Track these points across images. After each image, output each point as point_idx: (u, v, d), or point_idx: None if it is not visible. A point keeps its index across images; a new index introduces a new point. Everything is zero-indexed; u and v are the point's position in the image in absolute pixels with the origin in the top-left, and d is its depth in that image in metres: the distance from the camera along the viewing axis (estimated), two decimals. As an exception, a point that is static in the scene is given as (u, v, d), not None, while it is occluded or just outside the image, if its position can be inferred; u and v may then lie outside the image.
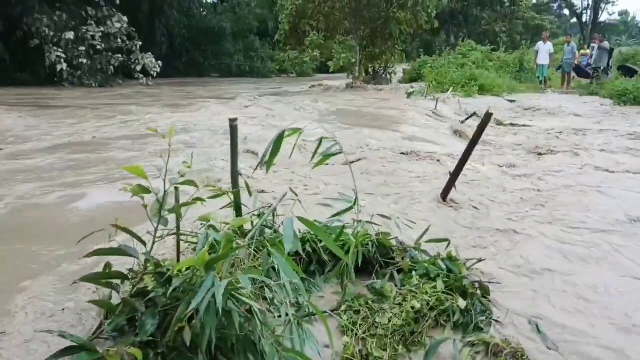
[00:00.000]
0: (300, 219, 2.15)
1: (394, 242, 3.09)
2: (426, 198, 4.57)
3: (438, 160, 6.30)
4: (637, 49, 26.78)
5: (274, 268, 2.36)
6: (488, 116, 4.20)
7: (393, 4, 17.41)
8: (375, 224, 3.02)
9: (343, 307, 2.48)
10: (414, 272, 2.76)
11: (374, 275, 2.83)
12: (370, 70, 20.42)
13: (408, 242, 3.17)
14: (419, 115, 10.22)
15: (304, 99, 13.92)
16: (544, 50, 19.17)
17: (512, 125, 10.61)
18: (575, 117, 11.82)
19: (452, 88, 14.41)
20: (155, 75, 22.21)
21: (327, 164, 2.60)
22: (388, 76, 20.24)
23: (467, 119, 9.33)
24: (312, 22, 17.16)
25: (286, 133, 2.37)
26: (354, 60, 16.69)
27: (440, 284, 2.61)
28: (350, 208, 2.59)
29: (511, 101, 14.84)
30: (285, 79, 28.50)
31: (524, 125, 10.45)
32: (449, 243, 3.02)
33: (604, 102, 14.97)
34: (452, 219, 4.12)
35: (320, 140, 2.47)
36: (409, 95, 11.92)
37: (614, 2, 45.78)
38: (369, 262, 2.91)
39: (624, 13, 55.93)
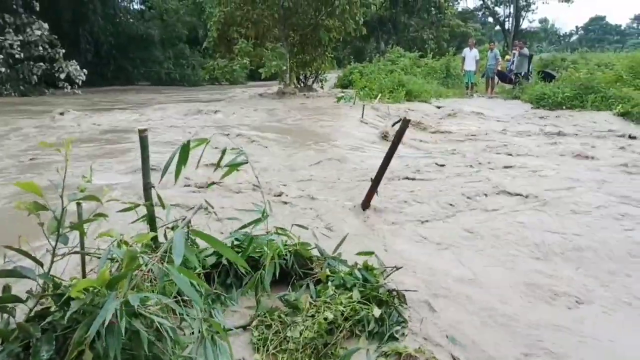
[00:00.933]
0: (197, 233, 2.09)
1: (314, 252, 3.07)
2: (347, 206, 4.57)
3: (363, 167, 6.35)
4: (556, 55, 28.12)
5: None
6: (405, 122, 4.26)
7: (321, 11, 17.51)
8: (287, 235, 2.97)
9: (255, 322, 2.42)
10: (329, 283, 2.73)
11: (289, 286, 2.79)
12: (301, 77, 20.46)
13: (330, 253, 3.14)
14: (346, 121, 10.31)
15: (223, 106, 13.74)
16: (470, 56, 19.75)
17: (439, 131, 10.86)
18: (495, 121, 12.28)
19: (380, 94, 14.61)
20: (80, 84, 21.41)
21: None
22: (319, 82, 20.33)
23: (394, 124, 9.43)
24: (241, 30, 16.99)
25: (192, 144, 2.30)
26: (284, 67, 16.66)
27: (356, 294, 2.59)
28: (259, 220, 2.54)
29: (438, 107, 15.21)
30: (217, 86, 28.16)
31: (448, 132, 10.72)
32: (373, 254, 3.00)
33: (524, 106, 15.60)
34: (372, 227, 4.14)
35: (224, 151, 2.41)
36: (338, 100, 12.01)
37: (533, 10, 47.80)
38: (288, 273, 2.88)
39: (544, 20, 58.66)
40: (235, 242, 2.95)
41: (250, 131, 8.83)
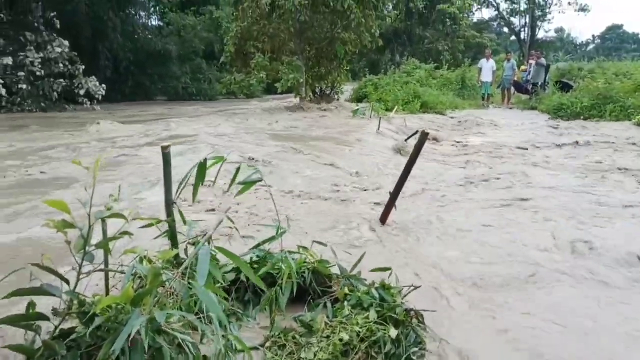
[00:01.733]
0: (220, 249, 2.12)
1: (333, 270, 3.05)
2: (366, 221, 4.58)
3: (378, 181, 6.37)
4: (572, 64, 27.93)
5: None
6: (424, 135, 4.27)
7: (337, 25, 17.62)
8: (307, 252, 2.99)
9: (268, 343, 2.43)
10: (345, 302, 2.72)
11: (306, 305, 2.80)
12: (317, 90, 20.55)
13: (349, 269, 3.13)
14: (361, 133, 10.36)
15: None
16: (487, 67, 19.75)
17: (456, 142, 10.85)
18: (515, 130, 12.25)
19: (396, 106, 14.65)
20: (100, 99, 21.71)
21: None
22: (335, 95, 20.41)
23: (409, 137, 9.44)
24: (257, 44, 17.18)
25: (209, 162, 2.34)
26: (301, 80, 16.78)
27: (372, 314, 2.55)
28: (274, 238, 2.56)
29: (453, 117, 15.23)
30: (233, 100, 28.37)
31: (466, 144, 10.71)
32: (391, 271, 2.97)
33: (542, 117, 15.53)
34: (392, 243, 4.14)
35: (238, 168, 2.45)
36: (354, 113, 12.06)
37: (549, 20, 47.61)
38: (306, 291, 2.89)
39: (560, 30, 58.38)
40: (255, 259, 2.97)
41: (263, 144, 8.92)
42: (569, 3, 45.80)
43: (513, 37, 50.29)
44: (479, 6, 45.71)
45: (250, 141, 9.47)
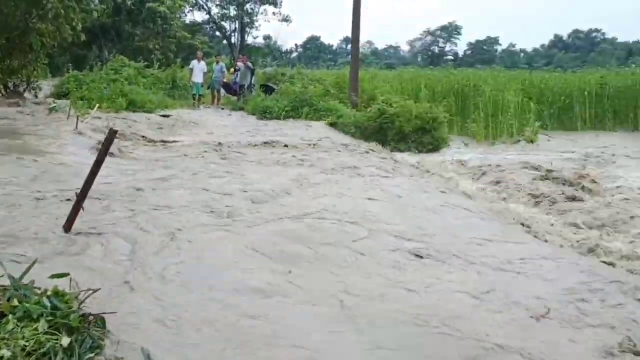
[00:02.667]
0: None
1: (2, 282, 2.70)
2: (51, 227, 4.18)
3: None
4: (277, 70, 30.07)
5: None
6: (112, 133, 4.06)
7: (32, 14, 15.88)
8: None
9: None
10: (11, 316, 2.42)
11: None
12: (10, 85, 18.25)
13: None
14: (58, 131, 9.52)
15: None
16: (198, 68, 19.97)
17: (163, 141, 10.71)
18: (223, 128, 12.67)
19: (97, 104, 13.83)
20: None
21: None
22: (32, 91, 18.37)
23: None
24: None
25: None
26: (-14, 73, 14.72)
27: (42, 324, 2.32)
28: None
29: (164, 116, 15.05)
30: None
31: (174, 141, 10.67)
32: (70, 277, 2.78)
33: (250, 117, 16.40)
34: (79, 250, 3.85)
35: None
36: (51, 111, 10.99)
37: (257, 27, 50.57)
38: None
39: (268, 37, 62.09)
40: None
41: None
42: (274, 13, 49.46)
43: (225, 41, 52.02)
44: (191, 8, 46.24)
45: None
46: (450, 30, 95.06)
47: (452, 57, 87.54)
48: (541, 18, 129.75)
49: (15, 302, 2.56)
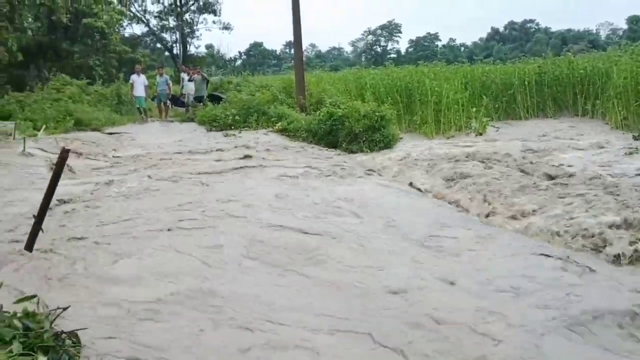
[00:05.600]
0: None
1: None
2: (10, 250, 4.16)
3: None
4: (223, 79, 29.96)
5: None
6: (65, 152, 4.06)
7: (-38, 35, 15.43)
8: None
9: None
10: (-21, 342, 2.44)
11: None
12: (-54, 111, 17.61)
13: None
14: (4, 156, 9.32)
15: None
16: (139, 82, 19.66)
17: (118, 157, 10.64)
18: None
19: (45, 125, 13.55)
20: None
21: None
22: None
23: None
24: None
25: None
26: None
27: (17, 346, 2.36)
28: None
29: (110, 134, 14.85)
30: None
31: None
32: (38, 298, 2.80)
33: (198, 128, 16.34)
34: (43, 270, 3.85)
35: None
36: (-7, 135, 10.71)
37: (198, 37, 50.30)
38: None
39: (210, 46, 61.64)
40: None
41: None
42: (214, 22, 49.26)
43: (167, 53, 51.40)
44: (130, 21, 45.49)
45: None
46: (391, 29, 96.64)
47: (395, 55, 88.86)
48: (478, 12, 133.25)
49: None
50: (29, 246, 4.09)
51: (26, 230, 4.30)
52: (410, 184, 7.88)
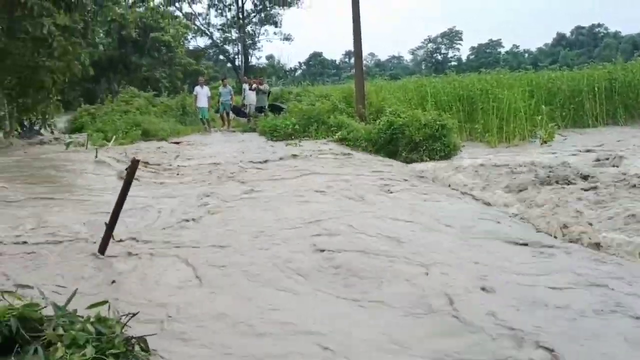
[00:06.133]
0: None
1: (47, 312, 2.83)
2: (82, 254, 4.35)
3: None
4: (284, 89, 30.38)
5: None
6: (135, 162, 4.24)
7: (40, 52, 16.27)
8: (8, 297, 2.73)
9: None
10: (59, 344, 2.55)
11: (13, 356, 2.53)
12: (26, 123, 18.65)
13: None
14: (79, 164, 9.79)
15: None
16: (202, 93, 20.15)
17: (178, 166, 10.92)
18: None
19: (115, 136, 14.15)
20: None
21: None
22: (47, 127, 18.76)
23: (127, 168, 9.18)
24: (-59, 76, 14.93)
25: None
26: (2, 113, 15.04)
27: (90, 350, 2.45)
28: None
29: (177, 142, 15.32)
30: None
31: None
32: (109, 304, 2.90)
33: (259, 138, 16.61)
34: (115, 273, 4.01)
35: None
36: (67, 146, 11.26)
37: (259, 48, 51.39)
38: (15, 340, 2.61)
39: (271, 57, 62.81)
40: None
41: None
42: (275, 33, 50.16)
43: (230, 64, 52.69)
44: (194, 35, 46.98)
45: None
46: (452, 36, 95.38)
47: (456, 63, 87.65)
48: (542, 17, 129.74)
49: (61, 331, 2.70)
50: (102, 250, 4.30)
51: (99, 235, 4.49)
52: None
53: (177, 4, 45.09)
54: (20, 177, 8.62)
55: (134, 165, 4.22)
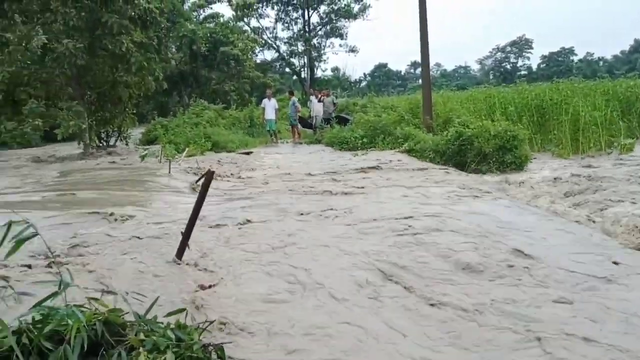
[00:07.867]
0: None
1: (128, 318, 2.95)
2: (161, 261, 4.50)
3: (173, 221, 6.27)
4: (349, 100, 30.53)
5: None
6: (210, 174, 4.36)
7: (118, 68, 17.11)
8: (93, 303, 2.85)
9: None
10: (141, 349, 2.65)
11: (99, 359, 2.65)
12: (103, 135, 19.60)
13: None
14: (154, 176, 10.16)
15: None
16: (270, 106, 20.52)
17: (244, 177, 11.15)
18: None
19: (187, 148, 14.62)
20: None
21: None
22: (123, 140, 19.66)
23: (200, 178, 9.46)
24: (30, 90, 15.88)
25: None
26: (84, 126, 15.85)
27: (170, 356, 2.53)
28: (57, 293, 2.42)
29: (247, 153, 15.65)
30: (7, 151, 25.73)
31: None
32: (187, 311, 2.99)
33: (325, 149, 16.71)
34: (190, 280, 4.12)
35: (9, 225, 2.28)
36: (142, 158, 11.72)
37: (325, 60, 51.93)
38: (99, 344, 2.74)
39: (336, 69, 63.40)
40: (38, 317, 2.75)
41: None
42: (340, 45, 50.64)
43: (295, 77, 53.52)
44: (261, 48, 48.05)
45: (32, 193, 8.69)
46: (521, 45, 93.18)
47: (526, 72, 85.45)
48: (619, 24, 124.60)
49: (142, 336, 2.81)
50: (179, 256, 4.45)
51: (175, 243, 4.65)
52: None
53: (245, 19, 46.41)
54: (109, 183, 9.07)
55: (209, 175, 4.34)
